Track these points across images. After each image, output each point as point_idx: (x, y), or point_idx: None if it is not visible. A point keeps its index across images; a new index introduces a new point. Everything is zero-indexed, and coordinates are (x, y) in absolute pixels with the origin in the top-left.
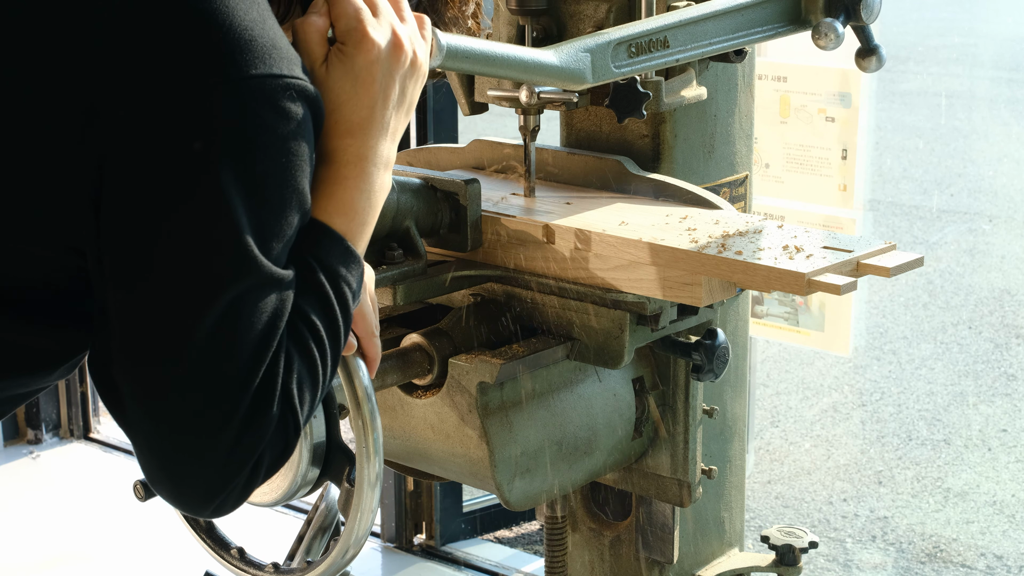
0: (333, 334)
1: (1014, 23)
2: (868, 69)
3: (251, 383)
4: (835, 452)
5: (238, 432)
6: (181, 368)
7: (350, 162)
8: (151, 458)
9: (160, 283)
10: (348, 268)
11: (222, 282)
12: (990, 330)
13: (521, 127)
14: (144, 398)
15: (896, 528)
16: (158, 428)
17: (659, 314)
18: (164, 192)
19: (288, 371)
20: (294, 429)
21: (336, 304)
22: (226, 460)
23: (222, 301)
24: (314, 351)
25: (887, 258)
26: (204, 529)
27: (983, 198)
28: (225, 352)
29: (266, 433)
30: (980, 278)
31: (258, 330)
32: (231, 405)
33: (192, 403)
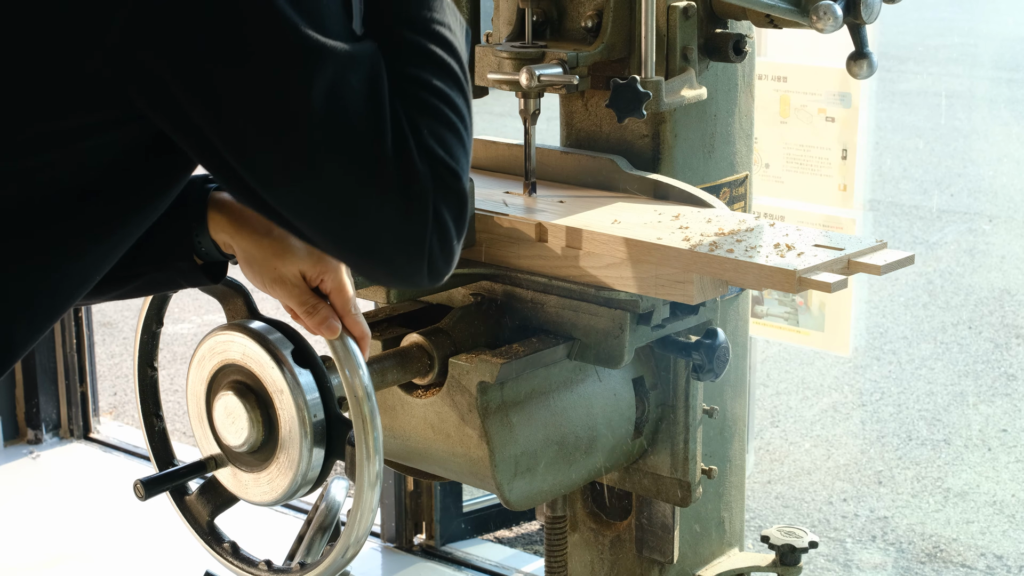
0: (449, 78)
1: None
2: (859, 75)
3: (382, 151)
4: (835, 452)
5: (397, 195)
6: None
7: None
8: (343, 248)
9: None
10: (432, 8)
11: (307, 78)
12: (990, 330)
13: (521, 111)
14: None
15: (896, 528)
16: (331, 220)
17: (651, 312)
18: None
19: (416, 130)
20: (452, 176)
21: (438, 49)
22: (402, 223)
23: (316, 94)
24: (437, 103)
25: (878, 256)
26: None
27: (983, 198)
28: (343, 134)
29: (424, 187)
30: (980, 278)
31: (363, 104)
32: (373, 176)
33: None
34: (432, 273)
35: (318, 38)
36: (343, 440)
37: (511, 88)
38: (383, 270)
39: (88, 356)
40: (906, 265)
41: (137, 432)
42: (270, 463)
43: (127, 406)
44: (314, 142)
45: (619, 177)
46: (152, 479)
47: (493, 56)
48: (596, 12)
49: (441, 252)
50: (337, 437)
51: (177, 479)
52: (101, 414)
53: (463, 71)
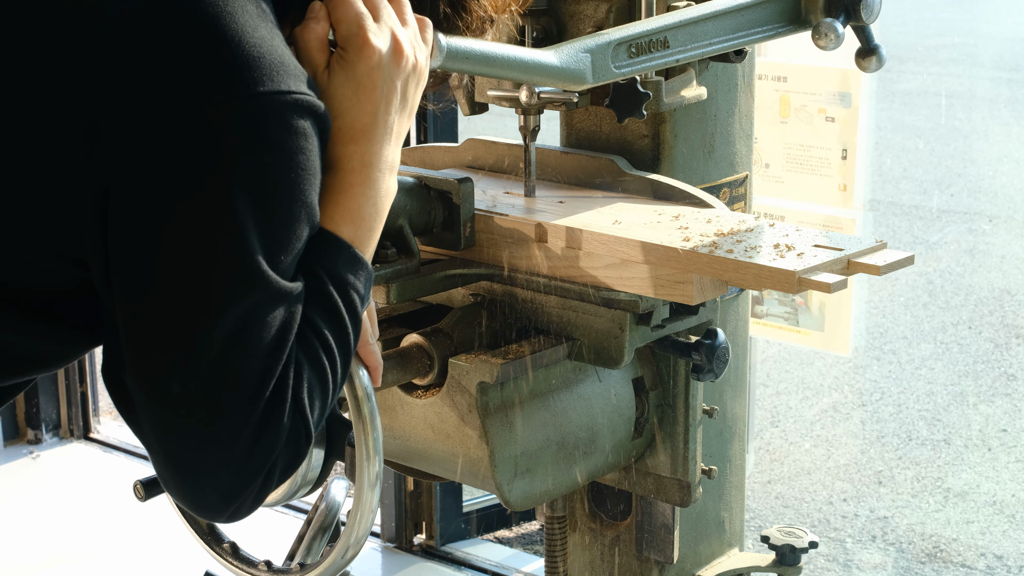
0: (342, 342)
1: (1014, 23)
2: (868, 69)
3: (262, 394)
4: (835, 452)
5: (251, 441)
6: (191, 381)
7: (355, 169)
8: (167, 466)
9: (168, 297)
10: (356, 275)
11: (231, 297)
12: (990, 330)
13: (521, 127)
14: (156, 408)
15: (896, 528)
16: (171, 437)
17: (651, 312)
18: (172, 209)
19: (299, 380)
20: (306, 437)
21: (345, 312)
22: (240, 468)
23: (231, 316)
24: (323, 360)
25: (878, 256)
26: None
27: (983, 198)
28: (236, 365)
29: (278, 441)
30: (980, 278)
31: (268, 343)
32: (243, 415)
33: (204, 414)
34: (233, 516)
35: (261, 266)
36: (343, 441)
37: (511, 105)
38: (186, 500)
39: (88, 356)
40: (906, 265)
41: None
42: None
43: None
44: (203, 354)
45: (619, 177)
46: (152, 479)
47: None
48: (596, 27)
49: (255, 501)
50: (337, 438)
51: None
52: (101, 414)
53: (353, 345)
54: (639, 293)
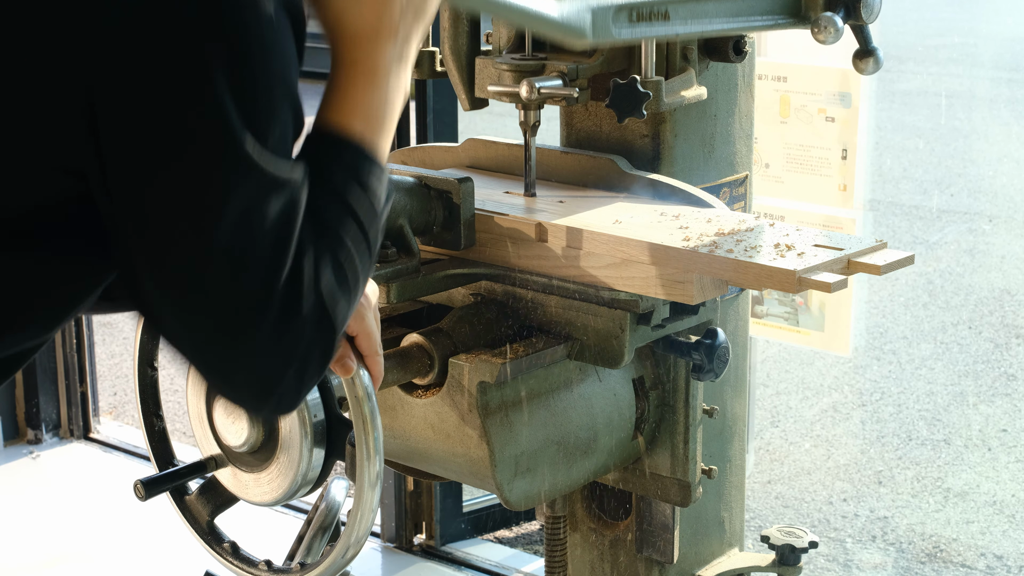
0: (357, 240)
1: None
2: (865, 71)
3: (276, 281)
4: (835, 452)
5: (275, 331)
6: (203, 275)
7: (367, 66)
8: (200, 363)
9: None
10: (369, 171)
11: (229, 188)
12: (990, 330)
13: (521, 123)
14: (179, 310)
15: (896, 528)
16: (197, 335)
17: (651, 312)
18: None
19: (315, 272)
20: (330, 327)
21: (358, 209)
22: (270, 358)
23: (233, 208)
24: (341, 254)
25: (878, 256)
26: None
27: (983, 198)
28: (244, 255)
29: (303, 330)
30: (980, 278)
31: (274, 231)
32: (261, 304)
33: (222, 308)
34: (276, 410)
35: (250, 154)
36: (343, 440)
37: (511, 100)
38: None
39: (88, 356)
40: (906, 265)
41: (137, 432)
42: (270, 463)
43: (127, 406)
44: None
45: (619, 177)
46: (152, 479)
47: (493, 68)
48: None
49: (295, 395)
50: (337, 437)
51: (177, 479)
52: (101, 414)
53: (376, 242)
54: (639, 293)
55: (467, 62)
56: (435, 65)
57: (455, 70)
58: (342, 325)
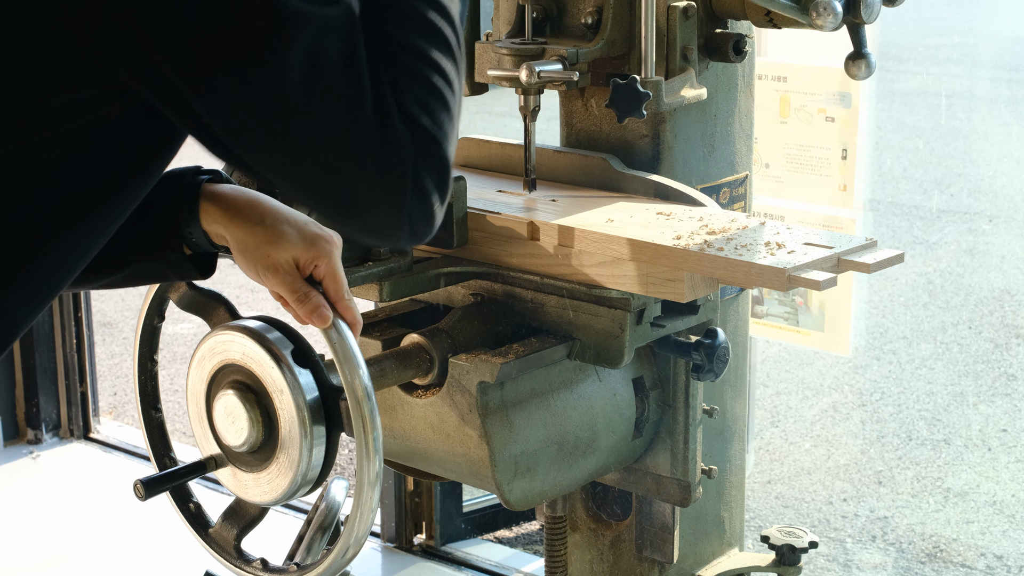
0: (440, 43)
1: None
2: (857, 76)
3: (361, 114)
4: (835, 452)
5: (378, 157)
6: (290, 131)
7: None
8: (326, 204)
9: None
10: None
11: (283, 44)
12: (990, 330)
13: (521, 107)
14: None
15: (896, 528)
16: (309, 179)
17: (643, 310)
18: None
19: (399, 93)
20: (433, 142)
21: (433, 13)
22: (383, 183)
23: (292, 59)
24: (423, 68)
25: (868, 255)
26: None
27: (983, 198)
28: (321, 99)
29: (404, 151)
30: (980, 278)
31: (341, 68)
32: (352, 138)
33: (318, 152)
34: (413, 235)
35: (295, 3)
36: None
37: (511, 84)
38: (359, 226)
39: (88, 356)
40: (895, 263)
41: (137, 432)
42: (270, 463)
43: (127, 406)
44: (290, 107)
45: (612, 176)
46: (152, 479)
47: (493, 53)
48: (596, 8)
49: (422, 216)
50: (333, 407)
51: (177, 479)
52: (101, 414)
53: (457, 37)
54: (631, 291)
55: (467, 47)
56: None
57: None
58: (449, 136)
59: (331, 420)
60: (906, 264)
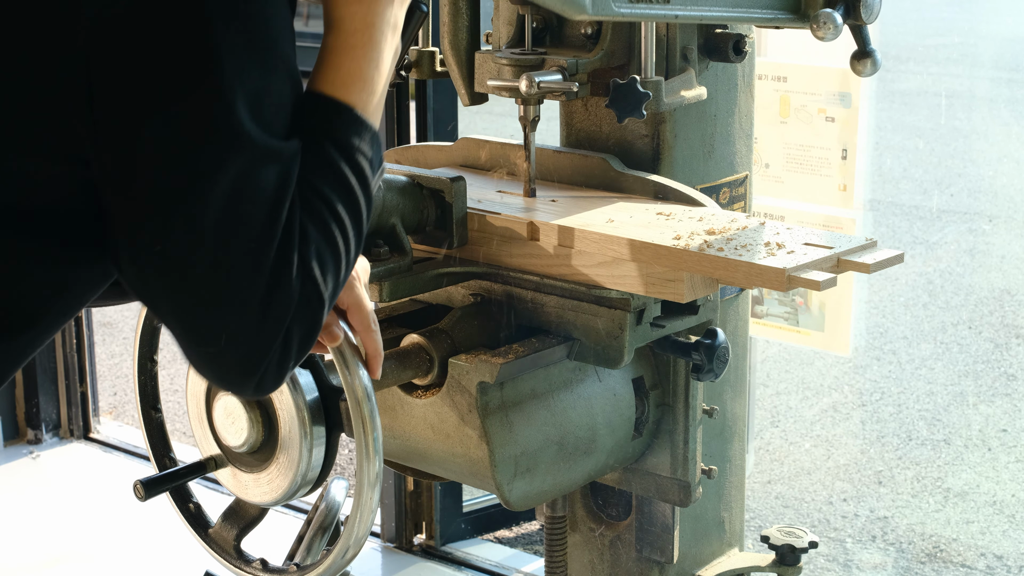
0: (352, 208)
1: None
2: (863, 73)
3: (266, 256)
4: (835, 452)
5: (261, 306)
6: (193, 248)
7: (356, 29)
8: (184, 339)
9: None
10: (361, 138)
11: (220, 158)
12: (990, 330)
13: (521, 117)
14: (164, 282)
15: (896, 528)
16: (185, 307)
17: (643, 310)
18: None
19: (305, 244)
20: (318, 302)
21: (352, 176)
22: (255, 335)
23: (225, 179)
24: (332, 227)
25: (867, 255)
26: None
27: (983, 198)
28: (234, 228)
29: (289, 305)
30: (980, 278)
31: (265, 203)
32: (249, 278)
33: (210, 279)
34: (259, 388)
35: (244, 125)
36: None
37: (511, 95)
38: (209, 373)
39: (88, 356)
40: (895, 264)
41: (137, 432)
42: (270, 463)
43: (127, 406)
44: (202, 222)
45: (611, 176)
46: (152, 479)
47: (493, 63)
48: (595, 22)
49: (277, 372)
50: (332, 407)
51: (177, 479)
52: (101, 414)
53: (367, 210)
54: (631, 291)
55: (467, 57)
56: (435, 65)
57: (455, 65)
58: (331, 298)
59: (331, 420)
60: (906, 264)
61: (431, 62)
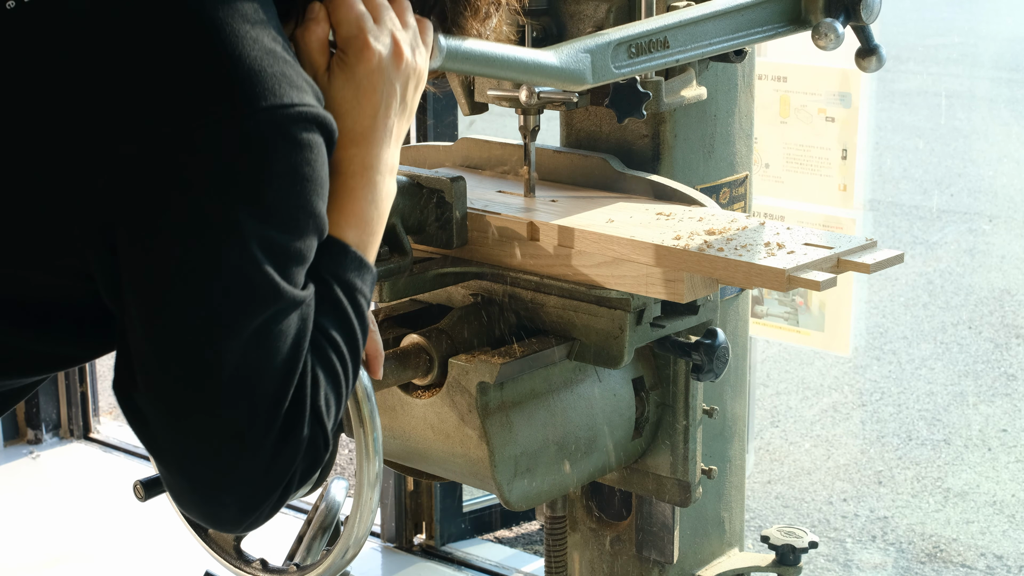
0: (352, 347)
1: (1014, 23)
2: (868, 69)
3: (282, 404)
4: (835, 452)
5: (271, 455)
6: (212, 396)
7: (356, 172)
8: (183, 481)
9: (181, 317)
10: (362, 279)
11: (244, 314)
12: (990, 330)
13: (521, 127)
14: (172, 428)
15: (896, 528)
16: (192, 453)
17: (643, 310)
18: (179, 229)
19: (315, 389)
20: (324, 444)
21: (353, 317)
22: (260, 482)
23: (247, 330)
24: (336, 366)
25: (867, 255)
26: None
27: (983, 198)
28: (254, 377)
29: (299, 451)
30: (980, 278)
31: (285, 352)
32: (262, 431)
33: (225, 428)
34: (253, 526)
35: (272, 277)
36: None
37: (511, 105)
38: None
39: None
40: (895, 264)
41: None
42: None
43: None
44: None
45: (611, 176)
46: (152, 479)
47: None
48: (595, 28)
49: (272, 511)
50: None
51: None
52: (101, 414)
53: (361, 347)
54: (630, 291)
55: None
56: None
57: (455, 75)
58: (335, 438)
59: None
60: (906, 264)
61: None
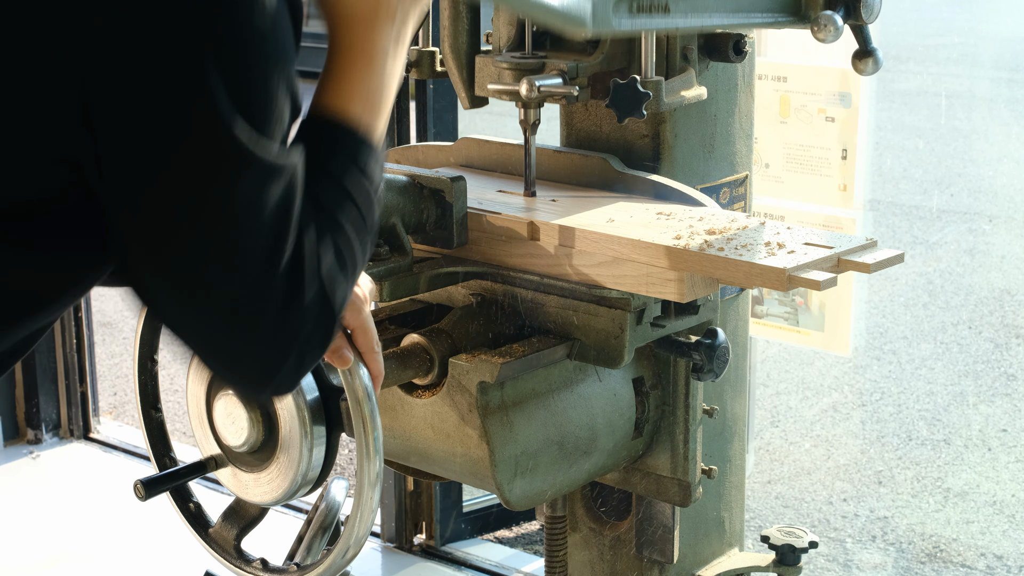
0: (356, 224)
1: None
2: (865, 72)
3: (275, 269)
4: (835, 452)
5: (278, 317)
6: (205, 263)
7: (362, 50)
8: (203, 349)
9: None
10: (367, 156)
11: (224, 180)
12: (990, 330)
13: (521, 121)
14: (178, 297)
15: (896, 528)
16: (199, 323)
17: (643, 310)
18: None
19: (316, 259)
20: (331, 313)
21: (356, 193)
22: (272, 343)
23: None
24: (339, 244)
25: (868, 255)
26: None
27: (983, 198)
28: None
29: (305, 316)
30: (980, 278)
31: (271, 218)
32: (262, 291)
33: (223, 296)
34: (275, 392)
35: (246, 144)
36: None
37: (511, 98)
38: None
39: (88, 356)
40: (895, 263)
41: (137, 432)
42: (270, 463)
43: (127, 406)
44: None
45: (612, 176)
46: (152, 479)
47: (493, 66)
48: None
49: (294, 376)
50: (333, 407)
51: (177, 479)
52: (101, 414)
53: (372, 222)
54: (631, 291)
55: (467, 60)
56: (435, 65)
57: (455, 68)
58: (341, 309)
59: (331, 420)
60: (906, 264)
61: (431, 62)
